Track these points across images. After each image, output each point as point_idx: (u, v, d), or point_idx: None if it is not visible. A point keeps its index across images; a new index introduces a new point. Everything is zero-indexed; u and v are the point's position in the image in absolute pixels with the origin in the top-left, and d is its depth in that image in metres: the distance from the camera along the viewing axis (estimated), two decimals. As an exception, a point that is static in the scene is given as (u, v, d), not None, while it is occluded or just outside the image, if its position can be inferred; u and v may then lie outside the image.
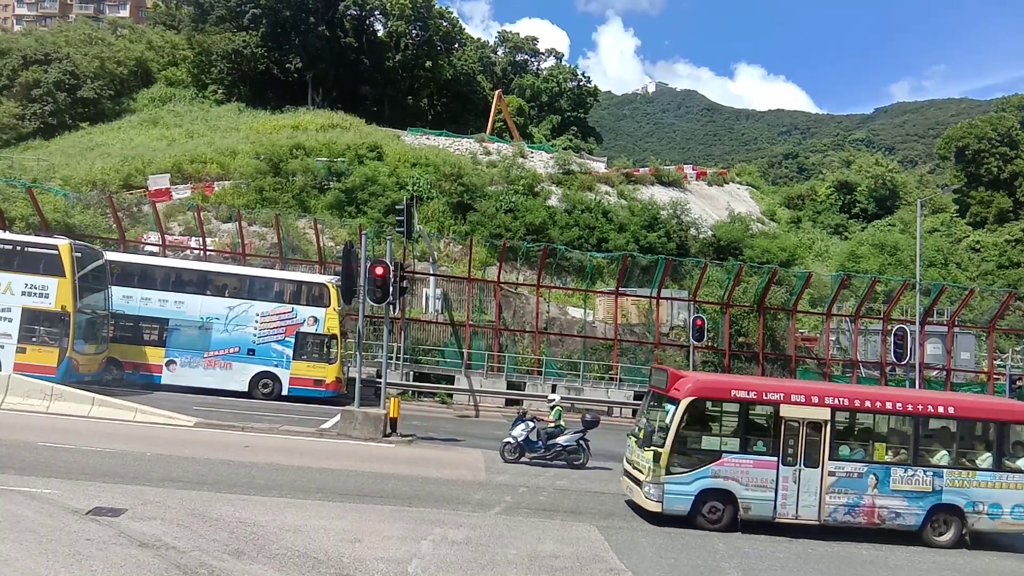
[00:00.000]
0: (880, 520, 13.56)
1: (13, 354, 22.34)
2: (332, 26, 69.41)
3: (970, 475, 13.89)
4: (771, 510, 13.35)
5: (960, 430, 14.47)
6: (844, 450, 13.82)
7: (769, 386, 14.36)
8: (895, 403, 14.38)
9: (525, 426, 18.51)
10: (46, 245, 23.52)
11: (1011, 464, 14.11)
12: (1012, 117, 73.92)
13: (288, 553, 9.70)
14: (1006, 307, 37.67)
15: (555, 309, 37.49)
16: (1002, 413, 14.58)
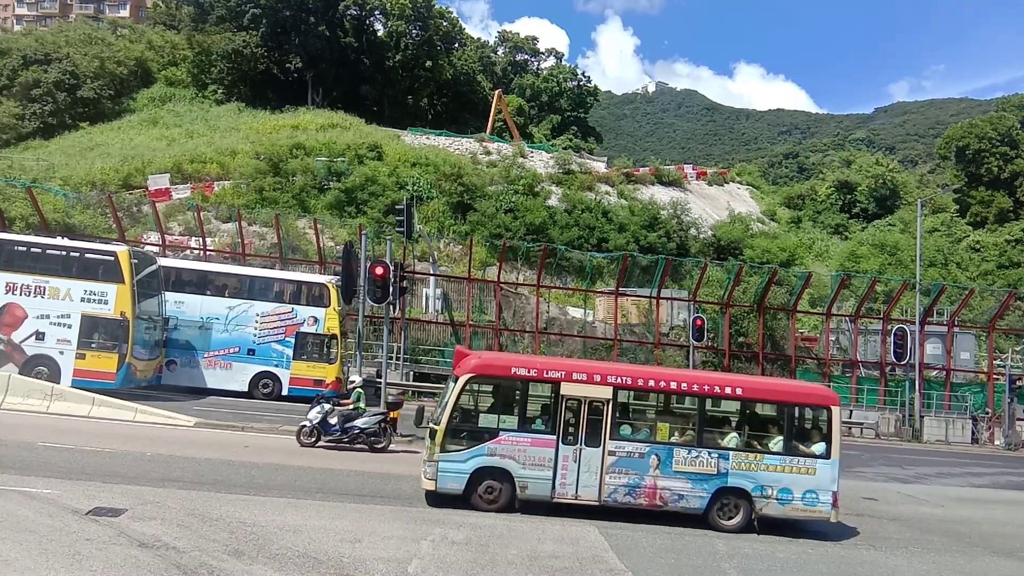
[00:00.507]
0: (662, 502, 13.20)
1: (73, 360, 22.38)
2: (332, 26, 69.40)
3: (758, 458, 13.42)
4: (549, 490, 13.01)
5: (750, 412, 14.07)
6: (626, 430, 13.44)
7: (551, 364, 13.99)
8: (680, 383, 13.88)
9: (320, 408, 18.00)
10: (105, 251, 23.67)
11: (805, 448, 13.62)
12: (1012, 117, 73.91)
13: (288, 553, 9.70)
14: (1006, 307, 37.67)
15: (555, 309, 37.49)
16: (793, 395, 14.16)
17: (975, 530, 15.46)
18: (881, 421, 33.34)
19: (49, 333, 22.40)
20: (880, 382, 35.09)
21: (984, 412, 34.93)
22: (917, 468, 24.45)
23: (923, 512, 16.93)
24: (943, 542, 14.19)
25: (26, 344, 22.25)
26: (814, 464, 13.38)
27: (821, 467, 13.35)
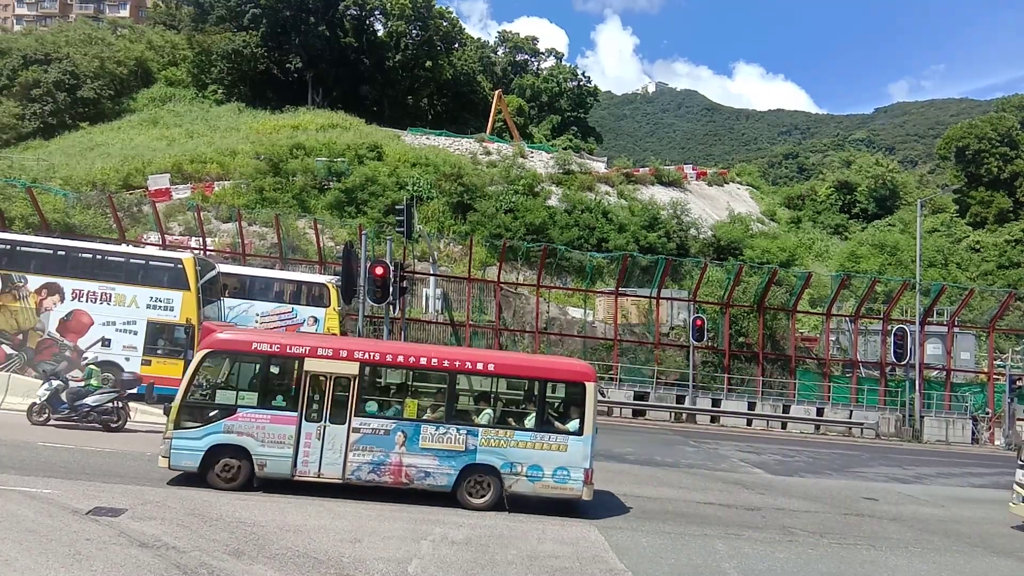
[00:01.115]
0: (408, 479, 12.96)
1: (139, 366, 22.48)
2: (332, 26, 69.44)
3: (508, 435, 13.18)
4: (289, 467, 12.79)
5: (502, 388, 13.89)
6: (372, 406, 13.25)
7: (294, 340, 13.83)
8: (430, 359, 13.56)
9: (49, 385, 17.77)
10: (170, 259, 23.89)
11: (559, 425, 13.40)
12: (1012, 117, 73.95)
13: (288, 553, 9.70)
14: (1006, 307, 37.67)
15: (555, 309, 37.49)
16: (546, 371, 13.84)
17: (975, 530, 15.46)
18: (881, 421, 33.35)
19: (115, 340, 22.60)
20: (880, 382, 35.09)
21: (984, 412, 34.94)
22: (917, 468, 24.45)
23: (923, 512, 16.93)
24: (943, 542, 14.19)
25: (92, 351, 22.45)
26: (566, 441, 13.16)
27: (573, 444, 13.13)
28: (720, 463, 21.75)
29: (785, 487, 18.45)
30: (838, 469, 22.75)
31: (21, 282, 22.42)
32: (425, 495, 13.05)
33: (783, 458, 23.97)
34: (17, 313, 22.31)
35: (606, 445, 22.79)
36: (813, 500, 16.86)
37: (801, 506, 15.98)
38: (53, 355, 22.34)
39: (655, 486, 16.96)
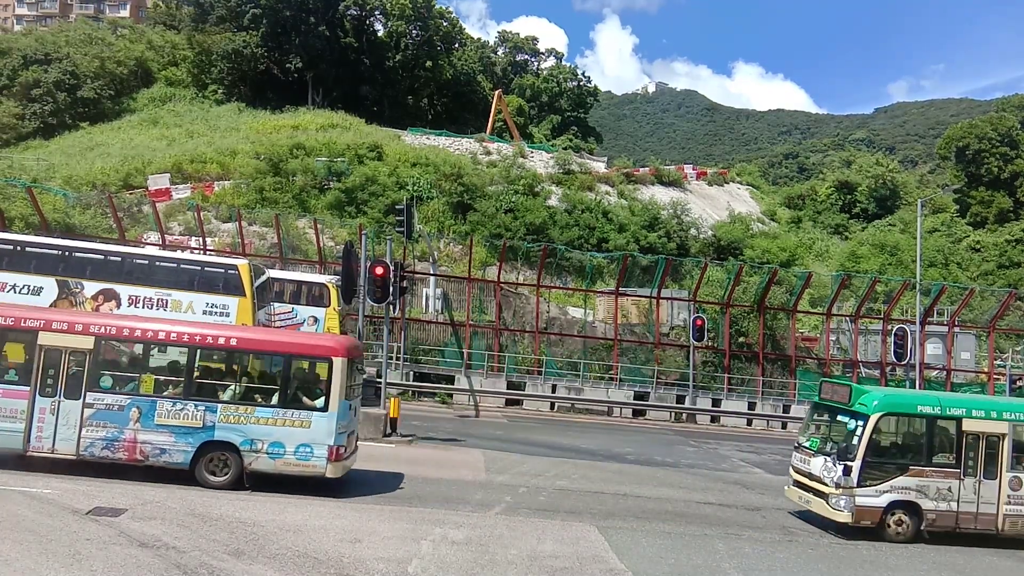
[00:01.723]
0: (143, 456, 12.76)
1: None
2: (332, 26, 69.42)
3: (248, 411, 12.99)
4: (22, 442, 12.65)
5: (246, 364, 13.72)
6: (107, 381, 13.02)
7: (29, 312, 13.59)
8: (168, 333, 13.34)
9: None
10: (226, 265, 23.88)
11: (305, 401, 13.27)
12: (1012, 117, 73.93)
13: (288, 553, 9.70)
14: (1006, 307, 37.67)
15: (555, 309, 37.49)
16: (291, 347, 13.74)
17: (975, 530, 15.44)
18: (881, 421, 33.30)
19: None
20: (880, 382, 35.07)
21: (984, 412, 34.89)
22: (917, 468, 24.40)
23: (923, 512, 16.89)
24: (943, 542, 14.18)
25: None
26: (310, 417, 13.00)
27: (317, 420, 12.96)
28: (720, 463, 21.75)
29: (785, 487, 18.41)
30: (838, 469, 22.71)
31: (77, 288, 22.45)
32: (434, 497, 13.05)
33: (783, 458, 23.93)
34: None
35: (606, 445, 22.81)
36: (813, 500, 16.82)
37: (801, 506, 15.96)
38: None
39: (655, 486, 16.96)
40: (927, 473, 13.92)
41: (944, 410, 14.23)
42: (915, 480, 13.83)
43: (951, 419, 14.17)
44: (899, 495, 13.77)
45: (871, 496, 13.65)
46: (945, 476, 13.95)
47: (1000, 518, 13.98)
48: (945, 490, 13.88)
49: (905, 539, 13.73)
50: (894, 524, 13.78)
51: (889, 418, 14.28)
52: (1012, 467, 14.08)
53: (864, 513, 13.61)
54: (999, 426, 14.12)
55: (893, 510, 13.77)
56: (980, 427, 14.11)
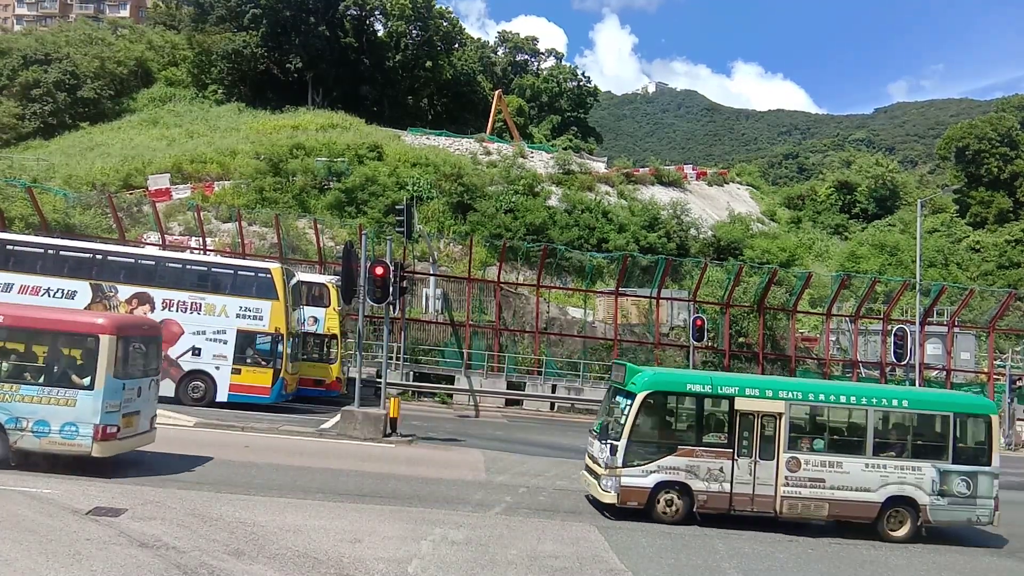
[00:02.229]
0: None
1: (229, 375, 22.76)
2: (332, 26, 69.43)
3: (13, 389, 12.81)
4: None
5: (16, 341, 13.51)
6: None
7: None
8: None
9: None
10: (259, 268, 24.11)
11: (75, 379, 12.99)
12: (1012, 117, 74.00)
13: (288, 553, 9.70)
14: (1006, 307, 37.67)
15: (555, 309, 37.49)
16: (54, 323, 13.48)
17: (974, 530, 15.46)
18: (881, 421, 33.32)
19: (205, 349, 22.77)
20: (880, 382, 35.07)
21: (984, 412, 34.90)
22: (917, 468, 24.40)
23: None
24: (942, 542, 14.19)
25: (182, 360, 22.59)
26: (76, 395, 12.81)
27: (83, 399, 12.78)
28: (720, 463, 21.71)
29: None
30: (838, 469, 22.71)
31: (112, 292, 22.58)
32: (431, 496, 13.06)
33: (783, 458, 23.95)
34: None
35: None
36: (813, 500, 16.83)
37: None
38: None
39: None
40: (698, 453, 13.45)
41: (716, 388, 13.74)
42: (685, 460, 13.37)
43: (723, 398, 13.67)
44: (667, 475, 13.30)
45: (638, 477, 13.23)
46: (717, 456, 13.45)
47: (778, 500, 13.46)
48: (717, 471, 13.38)
49: (675, 520, 13.20)
50: (663, 505, 13.31)
51: (658, 397, 13.75)
52: (790, 448, 13.54)
53: (630, 494, 13.19)
54: (775, 405, 13.57)
55: (662, 491, 13.30)
56: (755, 406, 13.57)
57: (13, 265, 22.58)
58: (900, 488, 13.65)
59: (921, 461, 13.81)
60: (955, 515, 13.89)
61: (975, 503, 13.82)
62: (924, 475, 13.69)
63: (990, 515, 13.87)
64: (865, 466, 13.65)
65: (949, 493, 13.73)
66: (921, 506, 13.67)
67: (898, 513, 13.73)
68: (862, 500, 13.59)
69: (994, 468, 13.92)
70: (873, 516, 13.63)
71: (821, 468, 13.58)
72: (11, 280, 22.12)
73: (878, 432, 13.99)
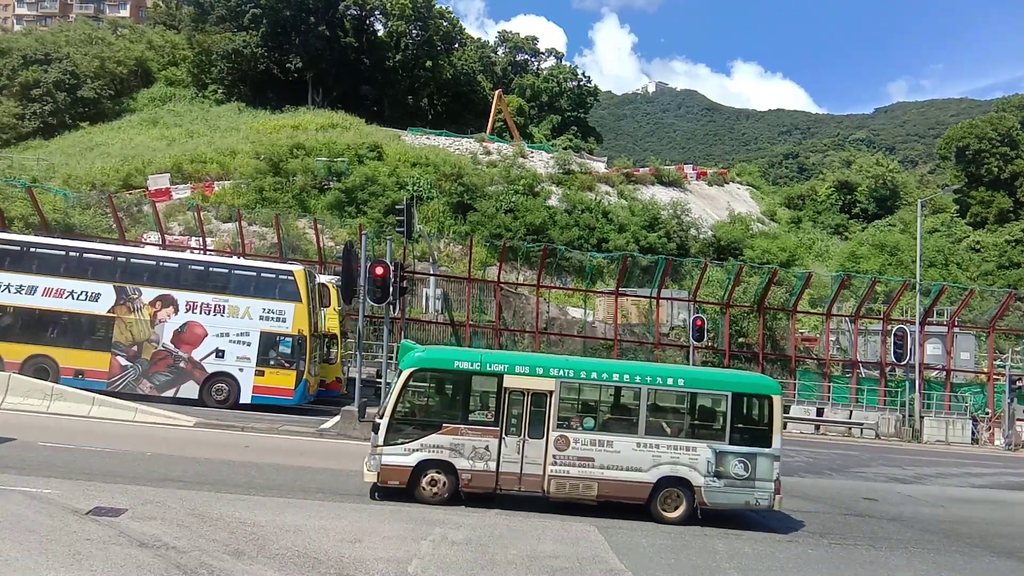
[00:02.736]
0: None
1: (252, 377, 22.88)
2: (332, 26, 69.44)
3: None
4: None
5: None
6: None
7: None
8: None
9: None
10: (282, 271, 24.29)
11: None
12: (1012, 117, 74.03)
13: (288, 553, 9.70)
14: (1006, 307, 37.67)
15: (555, 309, 37.49)
16: None
17: (975, 530, 15.46)
18: (881, 421, 33.33)
19: (229, 351, 22.85)
20: (880, 382, 35.09)
21: (984, 412, 34.94)
22: (917, 468, 24.44)
23: (923, 512, 16.93)
24: (943, 542, 14.19)
25: (206, 361, 22.68)
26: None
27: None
28: (720, 463, 21.72)
29: (785, 487, 18.42)
30: (838, 469, 22.75)
31: (135, 294, 22.70)
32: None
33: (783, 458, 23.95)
34: (132, 325, 22.55)
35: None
36: (813, 500, 16.85)
37: (801, 506, 15.97)
38: (168, 366, 22.61)
39: (655, 486, 16.93)
40: (463, 431, 13.05)
41: (485, 366, 13.37)
42: (449, 438, 12.98)
43: (492, 375, 13.26)
44: (430, 454, 12.95)
45: (400, 455, 12.89)
46: (483, 434, 13.06)
47: (546, 479, 13.09)
48: (483, 449, 13.00)
49: (441, 500, 12.95)
50: (427, 485, 12.99)
51: (424, 374, 13.47)
52: (559, 426, 13.17)
53: (391, 472, 12.87)
54: (545, 383, 13.17)
55: (425, 470, 12.97)
56: (525, 384, 13.19)
57: (37, 268, 22.74)
58: (673, 469, 13.19)
59: (697, 441, 13.35)
60: (732, 498, 13.36)
61: (753, 485, 13.33)
62: (699, 456, 13.24)
63: (769, 498, 13.36)
64: (637, 445, 13.22)
65: (726, 475, 13.25)
66: (696, 487, 13.18)
67: (673, 494, 13.28)
68: (633, 480, 13.15)
69: (774, 450, 13.45)
70: (645, 497, 13.21)
71: (591, 447, 13.16)
72: (35, 283, 22.29)
73: (652, 411, 13.57)
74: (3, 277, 22.24)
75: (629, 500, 13.28)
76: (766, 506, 13.48)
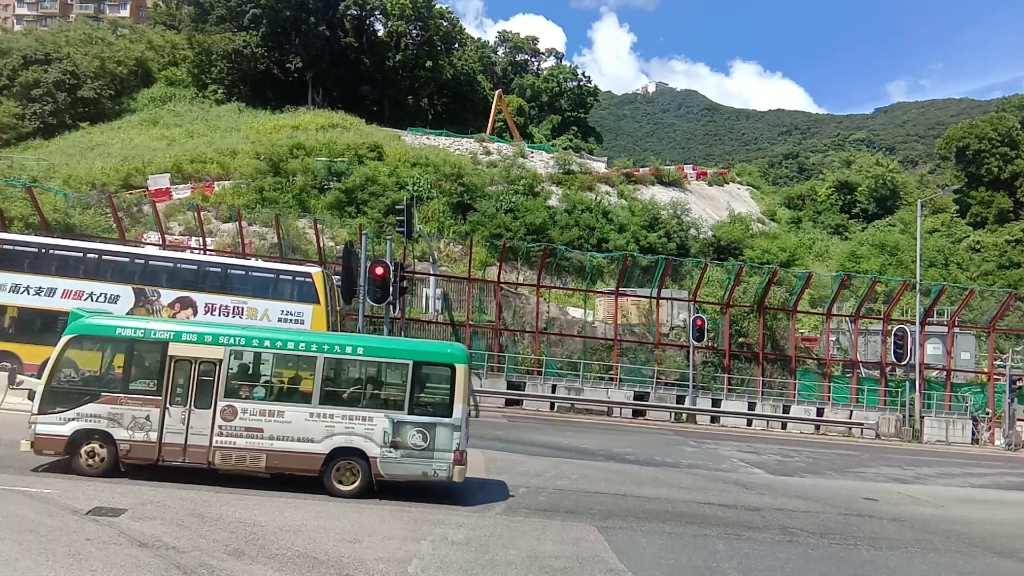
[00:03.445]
0: None
1: None
2: (332, 26, 69.46)
3: None
4: None
5: None
6: None
7: None
8: None
9: None
10: (300, 273, 24.32)
11: None
12: (1012, 117, 74.04)
13: (288, 553, 9.70)
14: (1006, 307, 37.67)
15: (555, 309, 37.48)
16: None
17: (975, 530, 15.45)
18: (881, 421, 33.35)
19: None
20: (880, 382, 35.09)
21: (984, 412, 34.94)
22: (917, 468, 24.44)
23: (923, 512, 16.92)
24: (943, 542, 14.18)
25: None
26: None
27: None
28: (720, 463, 21.74)
29: (785, 487, 18.44)
30: (838, 469, 22.75)
31: (154, 296, 22.75)
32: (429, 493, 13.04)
33: (783, 458, 23.97)
34: None
35: (606, 445, 22.82)
36: (813, 500, 16.85)
37: (801, 506, 15.98)
38: None
39: (655, 486, 16.95)
40: (123, 400, 12.68)
41: (149, 333, 12.96)
42: (108, 407, 12.60)
43: (156, 343, 12.86)
44: (87, 423, 12.53)
45: (55, 424, 12.49)
46: (144, 404, 12.69)
47: (211, 450, 12.69)
48: (143, 419, 12.61)
49: (101, 472, 12.51)
50: (85, 455, 12.57)
51: (84, 341, 13.08)
52: (227, 396, 12.78)
53: (45, 442, 12.47)
54: (214, 351, 12.84)
55: (84, 440, 12.55)
56: (192, 352, 12.81)
57: (56, 270, 22.81)
58: (348, 439, 12.85)
59: (375, 411, 13.03)
60: (409, 468, 12.97)
61: (432, 456, 12.94)
62: (376, 426, 12.91)
63: (448, 469, 12.94)
64: (310, 416, 12.88)
65: (403, 445, 12.89)
66: (371, 458, 12.85)
67: (350, 466, 12.94)
68: (305, 451, 12.80)
69: (455, 420, 12.99)
70: (318, 468, 12.87)
71: (260, 417, 12.81)
72: (54, 285, 22.36)
73: (329, 381, 13.26)
74: (23, 279, 22.37)
75: (301, 472, 12.92)
76: (445, 477, 13.02)
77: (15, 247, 23.32)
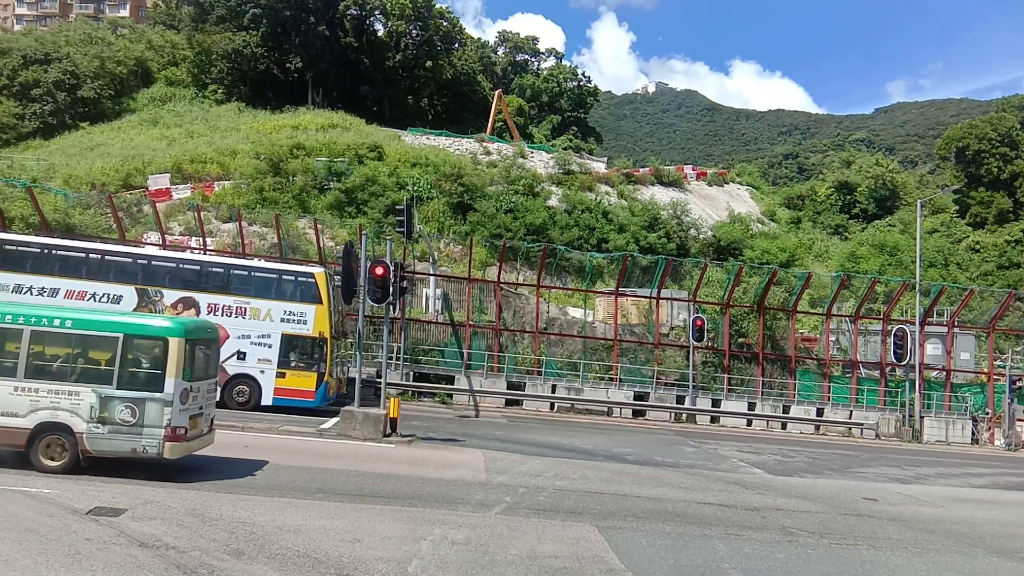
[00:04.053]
0: None
1: (273, 379, 23.01)
2: (332, 26, 69.48)
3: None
4: None
5: None
6: None
7: None
8: None
9: None
10: (303, 273, 24.37)
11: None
12: (1012, 117, 74.03)
13: (288, 553, 9.70)
14: (1006, 307, 37.68)
15: (555, 309, 37.49)
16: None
17: (975, 530, 15.46)
18: (881, 422, 33.35)
19: (250, 353, 22.99)
20: (880, 382, 35.09)
21: (984, 413, 34.95)
22: (917, 468, 24.45)
23: (923, 512, 16.93)
24: (943, 542, 14.19)
25: (228, 364, 22.62)
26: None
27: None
28: (720, 463, 21.75)
29: (785, 487, 18.45)
30: (838, 469, 22.75)
31: (157, 296, 22.75)
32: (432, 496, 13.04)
33: (783, 458, 23.98)
34: None
35: (606, 445, 22.83)
36: (813, 500, 16.86)
37: (801, 506, 15.98)
38: None
39: (655, 486, 16.95)
40: None
41: None
42: None
43: None
44: None
45: None
46: None
47: None
48: None
49: None
50: None
51: None
52: None
53: None
54: None
55: None
56: None
57: (59, 270, 22.79)
58: (53, 414, 12.58)
59: (82, 385, 12.73)
60: (117, 444, 12.71)
61: (142, 432, 12.69)
62: (83, 400, 12.63)
63: (158, 445, 12.67)
64: (14, 390, 12.60)
65: (111, 420, 12.62)
66: (78, 434, 12.59)
67: (56, 442, 12.69)
68: (9, 427, 12.54)
69: (166, 395, 12.73)
70: (23, 444, 12.60)
71: None
72: (57, 285, 22.32)
73: (35, 354, 12.90)
74: (26, 280, 22.30)
75: (6, 447, 12.70)
76: (155, 453, 12.78)
77: (17, 247, 23.30)
